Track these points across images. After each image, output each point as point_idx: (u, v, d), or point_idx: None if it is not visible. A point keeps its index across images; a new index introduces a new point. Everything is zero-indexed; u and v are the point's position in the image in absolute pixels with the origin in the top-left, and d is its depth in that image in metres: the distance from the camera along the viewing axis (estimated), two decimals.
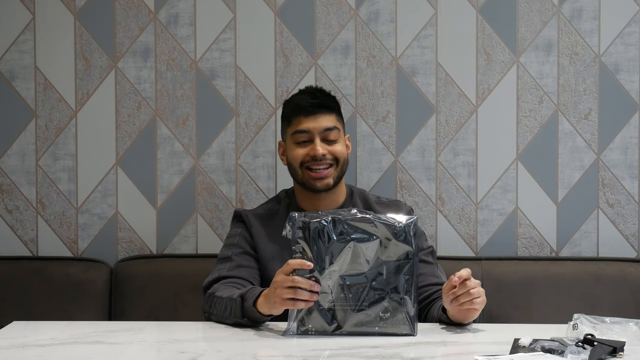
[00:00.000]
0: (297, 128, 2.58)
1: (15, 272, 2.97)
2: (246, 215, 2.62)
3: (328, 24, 3.03)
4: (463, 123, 3.03)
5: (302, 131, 2.57)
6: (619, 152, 3.02)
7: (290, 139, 2.60)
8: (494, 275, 2.90)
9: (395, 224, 2.19)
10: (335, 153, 2.57)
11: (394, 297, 2.19)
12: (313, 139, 2.56)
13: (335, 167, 2.57)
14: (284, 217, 2.54)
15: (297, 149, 2.58)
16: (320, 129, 2.57)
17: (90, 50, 3.05)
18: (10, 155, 3.07)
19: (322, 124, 2.57)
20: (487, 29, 3.02)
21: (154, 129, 3.06)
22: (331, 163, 2.57)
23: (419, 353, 2.05)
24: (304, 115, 2.57)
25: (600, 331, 2.09)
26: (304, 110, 2.58)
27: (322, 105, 2.59)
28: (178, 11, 3.04)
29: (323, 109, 2.58)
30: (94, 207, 3.06)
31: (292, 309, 2.20)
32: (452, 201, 3.03)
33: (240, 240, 2.58)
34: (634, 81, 3.02)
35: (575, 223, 3.03)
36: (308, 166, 2.56)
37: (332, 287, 2.19)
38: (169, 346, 2.13)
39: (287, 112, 2.63)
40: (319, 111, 2.58)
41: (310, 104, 2.58)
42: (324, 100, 2.61)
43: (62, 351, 2.08)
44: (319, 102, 2.59)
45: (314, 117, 2.57)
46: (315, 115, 2.57)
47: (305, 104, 2.58)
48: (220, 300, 2.37)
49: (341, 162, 2.58)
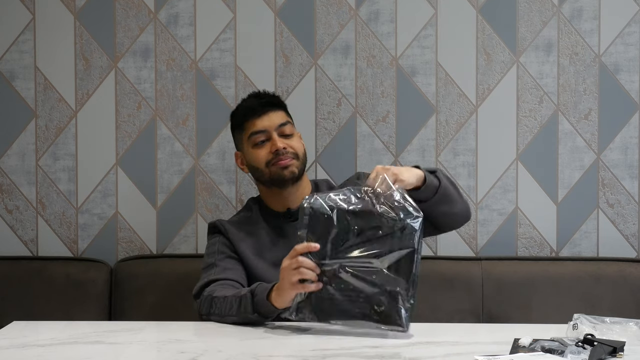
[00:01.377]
0: (252, 130, 2.60)
1: (15, 272, 2.97)
2: (221, 224, 2.62)
3: (328, 24, 3.03)
4: (463, 123, 3.03)
5: (258, 131, 2.60)
6: (619, 152, 3.02)
7: (248, 143, 2.62)
8: (494, 275, 2.90)
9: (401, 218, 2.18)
10: (293, 147, 2.59)
11: (391, 292, 2.18)
12: (271, 137, 2.59)
13: (297, 160, 2.59)
14: (258, 220, 2.61)
15: (257, 151, 2.60)
16: (275, 126, 2.60)
17: (90, 50, 3.05)
18: (10, 155, 3.07)
19: (275, 120, 2.61)
20: (487, 29, 3.02)
21: (154, 129, 3.06)
22: (292, 157, 2.58)
23: (419, 353, 2.05)
24: (257, 116, 2.61)
25: (600, 331, 2.09)
26: (254, 111, 2.61)
27: (271, 103, 2.64)
28: (178, 11, 3.04)
29: (272, 107, 2.63)
30: (94, 207, 3.06)
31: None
32: None
33: (220, 247, 2.58)
34: (634, 81, 3.02)
35: (575, 223, 3.03)
36: (274, 162, 2.57)
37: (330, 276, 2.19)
38: (169, 346, 2.13)
39: (238, 118, 2.66)
40: (269, 109, 2.62)
41: (259, 103, 2.63)
42: (271, 99, 2.66)
43: (62, 351, 2.07)
44: (267, 101, 2.64)
45: (267, 116, 2.61)
46: (267, 114, 2.61)
47: (254, 106, 2.63)
48: (224, 300, 2.37)
49: (301, 156, 2.60)
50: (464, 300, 2.87)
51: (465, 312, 2.86)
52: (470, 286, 2.88)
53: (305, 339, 2.19)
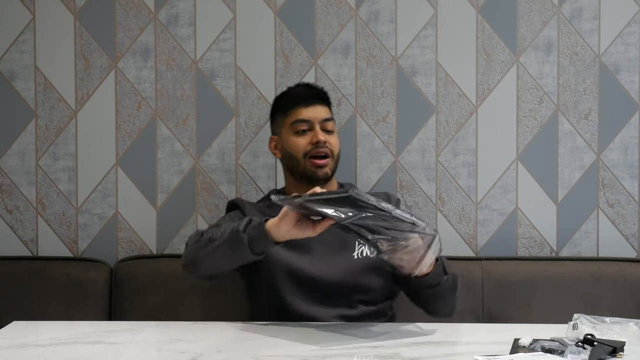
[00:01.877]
0: (296, 117, 2.62)
1: (15, 272, 2.97)
2: (240, 201, 2.65)
3: (328, 24, 3.03)
4: (463, 123, 3.03)
5: (302, 120, 2.62)
6: (619, 152, 3.02)
7: (289, 130, 2.63)
8: (494, 275, 2.90)
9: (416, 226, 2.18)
10: (331, 144, 2.61)
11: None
12: (313, 127, 2.61)
13: (331, 158, 2.61)
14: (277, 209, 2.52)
15: (297, 139, 2.62)
16: (320, 119, 2.63)
17: (90, 50, 3.05)
18: (10, 155, 3.07)
19: (320, 114, 2.64)
20: (487, 29, 3.02)
21: (154, 129, 3.06)
22: (328, 153, 2.60)
23: (419, 353, 2.05)
24: (303, 106, 2.63)
25: (600, 331, 2.09)
26: (302, 100, 2.64)
27: (320, 97, 2.67)
28: (178, 11, 3.04)
29: (320, 100, 2.66)
30: (94, 207, 3.06)
31: None
32: (452, 201, 3.03)
33: (232, 216, 2.57)
34: (634, 81, 3.02)
35: (575, 223, 3.03)
36: (312, 155, 2.59)
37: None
38: (169, 346, 2.13)
39: (284, 103, 2.68)
40: (317, 102, 2.65)
41: (309, 94, 2.66)
42: (320, 93, 2.69)
43: (62, 351, 2.08)
44: (317, 93, 2.68)
45: (313, 107, 2.63)
46: (314, 106, 2.64)
47: (303, 94, 2.66)
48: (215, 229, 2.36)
49: (335, 155, 2.63)
50: (464, 300, 2.85)
51: (465, 312, 2.86)
52: (470, 286, 2.87)
53: (305, 339, 2.19)
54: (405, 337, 2.20)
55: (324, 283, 2.49)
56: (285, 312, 2.47)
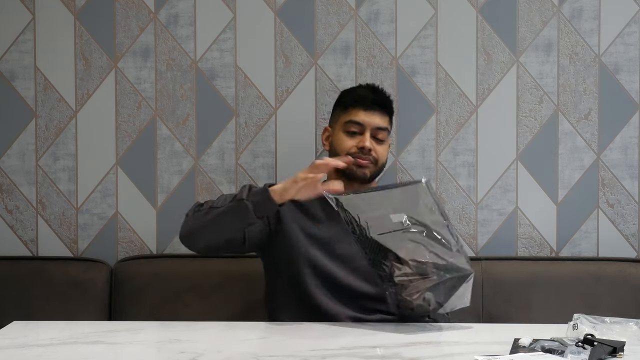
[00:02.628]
0: (351, 118, 2.63)
1: (15, 272, 2.97)
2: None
3: (328, 24, 3.03)
4: (463, 123, 3.03)
5: (355, 122, 2.62)
6: (619, 152, 3.02)
7: (341, 127, 2.65)
8: (494, 275, 2.90)
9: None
10: (378, 153, 2.61)
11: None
12: (363, 132, 2.61)
13: (375, 165, 2.62)
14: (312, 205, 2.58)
15: (345, 138, 2.63)
16: (374, 126, 2.62)
17: (90, 50, 3.05)
18: (10, 155, 3.07)
19: (376, 121, 2.62)
20: (487, 29, 3.02)
21: (154, 129, 3.06)
22: (371, 160, 2.61)
23: (419, 353, 2.05)
24: (363, 108, 2.63)
25: (600, 331, 2.09)
26: (364, 102, 2.64)
27: (382, 104, 2.66)
28: (178, 11, 3.04)
29: (381, 108, 2.65)
30: (94, 207, 3.06)
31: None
32: (452, 201, 3.03)
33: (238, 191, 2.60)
34: (634, 81, 3.02)
35: (575, 223, 3.03)
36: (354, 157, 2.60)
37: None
38: (169, 346, 2.13)
39: (346, 100, 2.68)
40: (377, 109, 2.64)
41: (371, 99, 2.65)
42: (385, 100, 2.68)
43: (62, 351, 2.07)
44: (380, 100, 2.66)
45: (371, 112, 2.63)
46: (373, 111, 2.63)
47: (367, 97, 2.65)
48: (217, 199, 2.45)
49: (380, 164, 2.64)
50: None
51: (465, 312, 2.85)
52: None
53: (305, 339, 2.19)
54: (405, 337, 2.20)
55: (345, 285, 2.51)
56: (307, 305, 2.51)
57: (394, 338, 2.19)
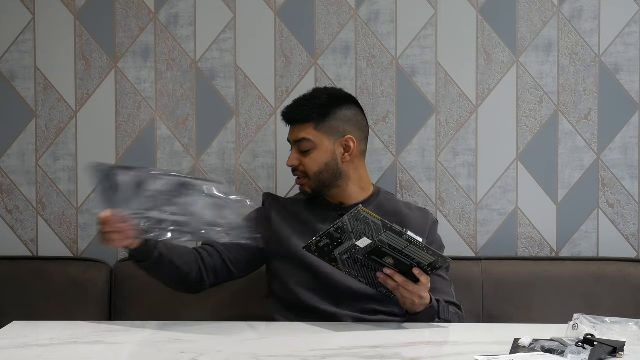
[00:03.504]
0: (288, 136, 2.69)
1: (15, 272, 2.97)
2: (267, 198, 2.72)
3: (328, 24, 3.03)
4: (463, 123, 3.03)
5: (288, 139, 2.68)
6: (619, 152, 3.02)
7: None
8: (494, 275, 2.90)
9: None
10: (305, 166, 2.62)
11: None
12: (292, 149, 2.66)
13: (307, 179, 2.63)
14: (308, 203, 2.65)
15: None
16: (294, 140, 2.65)
17: (90, 50, 3.05)
18: (10, 155, 3.07)
19: (294, 135, 2.65)
20: (487, 29, 3.02)
21: (154, 129, 3.06)
22: (301, 176, 2.64)
23: (419, 353, 2.05)
24: (288, 125, 2.68)
25: (600, 331, 2.09)
26: (285, 119, 2.68)
27: (294, 119, 2.65)
28: (178, 11, 3.04)
29: (296, 122, 2.65)
30: (94, 207, 3.06)
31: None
32: (452, 201, 3.04)
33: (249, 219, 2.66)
34: (634, 81, 3.02)
35: (575, 223, 3.03)
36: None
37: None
38: (169, 346, 2.13)
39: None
40: (295, 122, 2.65)
41: (287, 116, 2.67)
42: (298, 112, 2.64)
43: (62, 351, 2.08)
44: (292, 114, 2.65)
45: (292, 128, 2.66)
46: (293, 127, 2.66)
47: (285, 114, 2.68)
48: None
49: (312, 174, 2.61)
50: (464, 300, 2.87)
51: (465, 312, 2.86)
52: (470, 286, 2.88)
53: (305, 339, 2.19)
54: (405, 337, 2.20)
55: (342, 286, 2.51)
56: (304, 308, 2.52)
57: (394, 338, 2.19)
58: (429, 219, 2.67)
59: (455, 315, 2.50)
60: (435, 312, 2.40)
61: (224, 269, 2.60)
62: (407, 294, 2.30)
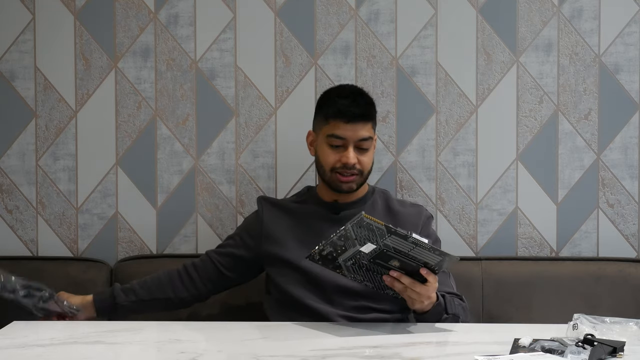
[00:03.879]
0: (333, 132, 2.57)
1: (15, 272, 2.96)
2: (261, 202, 2.70)
3: (328, 24, 3.03)
4: (463, 123, 3.03)
5: (338, 137, 2.56)
6: (619, 152, 3.02)
7: (324, 139, 2.59)
8: (494, 275, 2.90)
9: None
10: (362, 164, 2.58)
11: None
12: (347, 146, 2.56)
13: (360, 176, 2.59)
14: (303, 204, 2.65)
15: (329, 151, 2.58)
16: (356, 138, 2.56)
17: (90, 50, 3.05)
18: (10, 155, 3.07)
19: (358, 133, 2.56)
20: (487, 29, 3.02)
21: (154, 129, 3.06)
22: (357, 173, 2.58)
23: (419, 353, 2.05)
24: (343, 122, 2.56)
25: (600, 331, 2.09)
26: (344, 116, 2.55)
27: (363, 115, 2.57)
28: (178, 11, 3.04)
29: (362, 118, 2.57)
30: (94, 207, 3.06)
31: None
32: (452, 201, 3.03)
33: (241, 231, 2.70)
34: (634, 81, 3.02)
35: (575, 223, 3.03)
36: (338, 171, 2.57)
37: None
38: (169, 346, 2.13)
39: (327, 109, 2.60)
40: (359, 119, 2.56)
41: (351, 113, 2.55)
42: (365, 110, 2.59)
43: (62, 351, 2.08)
44: (360, 112, 2.57)
45: (353, 126, 2.55)
46: (354, 124, 2.56)
47: (346, 111, 2.56)
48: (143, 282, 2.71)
49: (365, 173, 2.60)
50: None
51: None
52: (470, 286, 2.88)
53: (305, 339, 2.19)
54: (405, 337, 2.20)
55: (330, 283, 2.51)
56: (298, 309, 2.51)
57: (394, 338, 2.19)
58: (422, 214, 2.66)
59: (460, 307, 2.49)
60: (442, 309, 2.40)
61: (219, 276, 2.66)
62: (414, 295, 2.28)
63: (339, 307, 2.50)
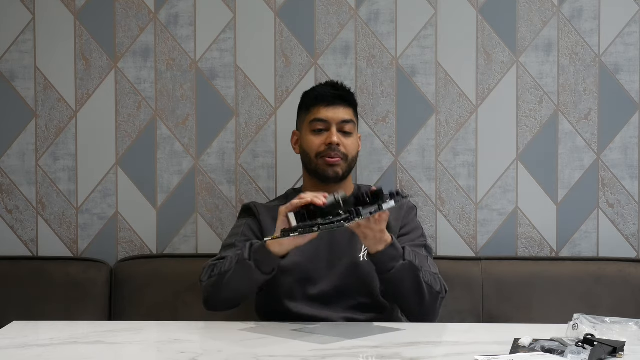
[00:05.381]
0: (315, 116, 2.63)
1: (15, 272, 2.97)
2: (254, 206, 2.67)
3: (328, 24, 3.03)
4: (463, 123, 3.03)
5: (320, 120, 2.62)
6: (619, 152, 3.02)
7: (307, 127, 2.64)
8: (494, 275, 2.90)
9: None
10: (346, 147, 2.60)
11: None
12: (329, 129, 2.61)
13: (345, 161, 2.60)
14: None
15: (312, 138, 2.62)
16: (338, 120, 2.62)
17: (90, 50, 3.05)
18: (10, 155, 3.07)
19: (340, 115, 2.63)
20: (487, 29, 3.02)
21: (154, 129, 3.06)
22: (341, 156, 2.60)
23: (419, 353, 2.05)
24: (324, 105, 2.63)
25: (600, 331, 2.09)
26: (324, 99, 2.64)
27: (343, 98, 2.66)
28: (178, 11, 3.04)
29: (343, 101, 2.65)
30: (94, 207, 3.06)
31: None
32: (452, 201, 3.04)
33: (245, 229, 2.61)
34: (634, 81, 3.02)
35: (575, 223, 3.03)
36: (323, 155, 2.59)
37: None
38: (169, 346, 2.13)
39: (307, 101, 2.69)
40: (339, 103, 2.64)
41: (331, 94, 2.65)
42: (345, 94, 2.68)
43: (62, 351, 2.08)
44: (340, 94, 2.66)
45: (334, 108, 2.63)
46: (335, 106, 2.63)
47: (326, 94, 2.65)
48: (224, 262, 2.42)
49: (349, 158, 2.62)
50: (464, 300, 2.87)
51: (465, 312, 2.86)
52: (470, 286, 2.88)
53: (305, 338, 2.19)
54: (405, 337, 2.20)
55: (328, 285, 2.50)
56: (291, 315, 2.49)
57: (394, 338, 2.19)
58: (403, 205, 2.65)
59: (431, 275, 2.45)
60: (399, 254, 2.36)
61: None
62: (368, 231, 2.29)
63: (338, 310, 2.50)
